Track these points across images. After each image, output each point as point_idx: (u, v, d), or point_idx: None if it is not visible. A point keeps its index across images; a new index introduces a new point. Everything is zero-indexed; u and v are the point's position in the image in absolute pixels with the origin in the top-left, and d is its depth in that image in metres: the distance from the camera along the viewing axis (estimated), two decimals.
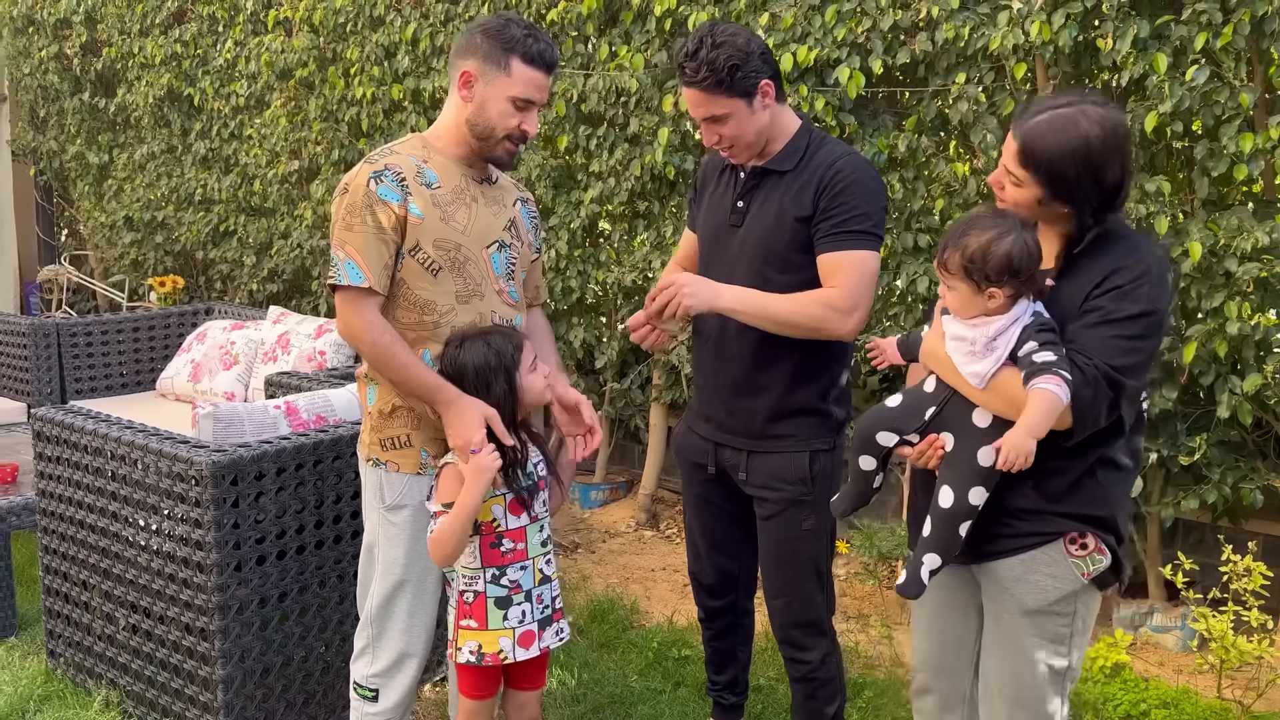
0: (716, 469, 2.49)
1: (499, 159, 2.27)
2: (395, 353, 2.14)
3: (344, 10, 4.98)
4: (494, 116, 2.20)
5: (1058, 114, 1.81)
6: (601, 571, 4.11)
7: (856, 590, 3.89)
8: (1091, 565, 1.90)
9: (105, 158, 6.64)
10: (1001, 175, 1.90)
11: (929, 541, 1.91)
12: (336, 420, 2.99)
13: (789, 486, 2.38)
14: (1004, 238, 1.79)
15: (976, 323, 1.83)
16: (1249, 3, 2.78)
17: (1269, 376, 2.91)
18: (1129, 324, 1.79)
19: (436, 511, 2.13)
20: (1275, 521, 3.32)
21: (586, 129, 4.25)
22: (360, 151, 5.11)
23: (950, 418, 1.89)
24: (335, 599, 2.84)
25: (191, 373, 4.80)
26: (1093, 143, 1.78)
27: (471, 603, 2.19)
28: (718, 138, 2.30)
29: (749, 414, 2.40)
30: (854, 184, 2.25)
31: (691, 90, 2.26)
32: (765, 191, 2.35)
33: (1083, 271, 1.85)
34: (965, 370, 1.84)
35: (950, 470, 1.89)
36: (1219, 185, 3.06)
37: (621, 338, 4.48)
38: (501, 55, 2.18)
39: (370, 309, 2.15)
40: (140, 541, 2.75)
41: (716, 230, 2.43)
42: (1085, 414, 1.78)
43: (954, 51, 3.31)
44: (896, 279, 3.54)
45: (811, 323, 2.25)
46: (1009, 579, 1.93)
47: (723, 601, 2.63)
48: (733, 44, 2.21)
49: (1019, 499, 1.90)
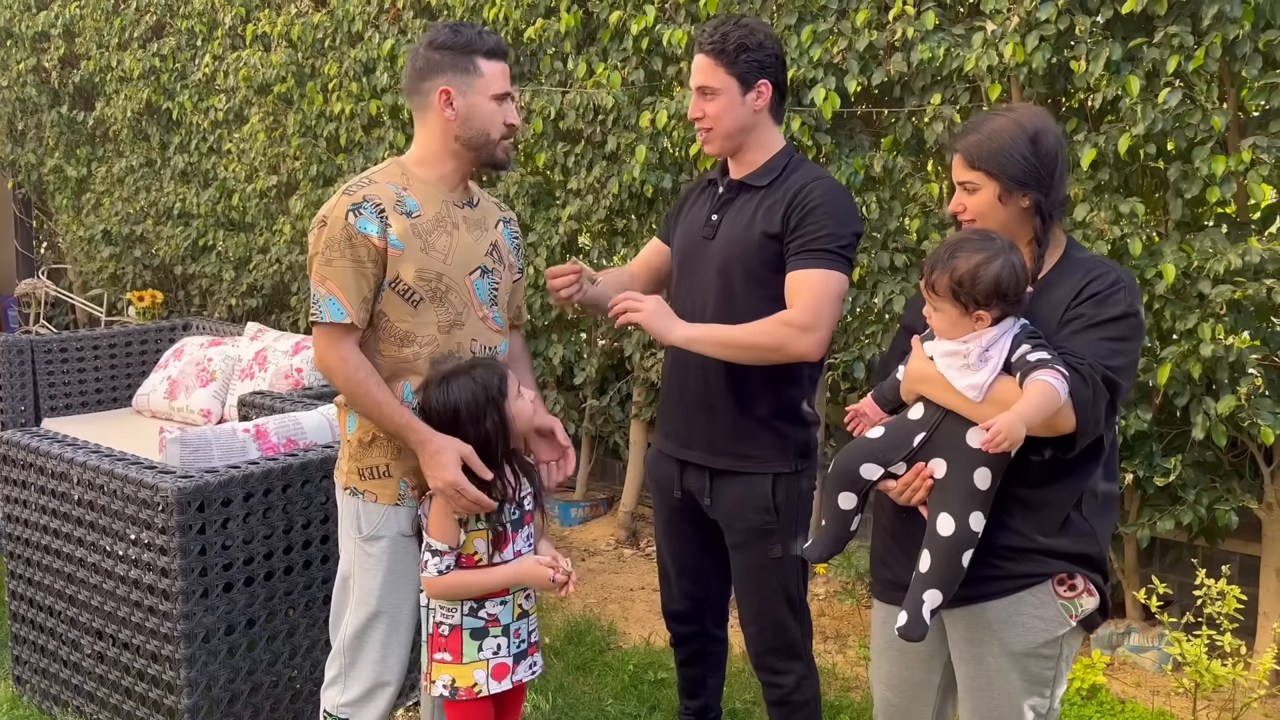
0: (682, 492, 2.48)
1: (499, 160, 2.24)
2: (370, 389, 2.11)
3: (322, 26, 4.96)
4: (484, 120, 2.19)
5: (985, 120, 1.90)
6: (580, 591, 4.09)
7: (835, 610, 3.88)
8: (1079, 608, 1.87)
9: (84, 171, 6.60)
10: (958, 195, 1.91)
11: (929, 577, 1.83)
12: (307, 444, 2.96)
13: (753, 515, 2.36)
14: (993, 260, 1.78)
15: (967, 337, 1.81)
16: (1220, 26, 2.78)
17: (1243, 398, 2.90)
18: (1112, 326, 1.80)
19: (440, 552, 2.12)
20: (1252, 542, 3.31)
21: (564, 146, 4.24)
22: (339, 167, 5.08)
23: (942, 442, 1.84)
24: (305, 624, 2.81)
25: (168, 390, 4.76)
26: (1025, 125, 1.86)
27: (447, 635, 2.16)
28: (701, 114, 2.32)
29: (709, 427, 2.38)
30: (823, 205, 2.24)
31: (699, 56, 2.31)
32: (739, 205, 2.35)
33: (1056, 287, 1.86)
34: (962, 384, 1.80)
35: (945, 497, 1.83)
36: (1192, 207, 3.06)
37: (601, 355, 4.47)
38: (466, 60, 2.18)
39: (348, 345, 2.12)
40: (106, 567, 2.71)
41: (690, 242, 2.43)
42: (1087, 415, 1.76)
43: (929, 72, 3.31)
44: (874, 297, 3.53)
45: (772, 343, 2.21)
46: (995, 621, 1.88)
47: (691, 628, 2.61)
48: (752, 31, 2.28)
49: (1007, 536, 1.86)
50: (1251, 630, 3.24)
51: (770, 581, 2.39)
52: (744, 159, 2.36)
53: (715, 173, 2.46)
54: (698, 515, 2.49)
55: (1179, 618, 3.22)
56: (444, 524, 2.12)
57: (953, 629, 1.95)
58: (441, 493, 2.10)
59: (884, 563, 2.04)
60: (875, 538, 2.06)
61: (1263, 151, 2.80)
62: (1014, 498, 1.85)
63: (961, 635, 1.94)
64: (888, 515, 2.01)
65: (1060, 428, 1.76)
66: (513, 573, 2.15)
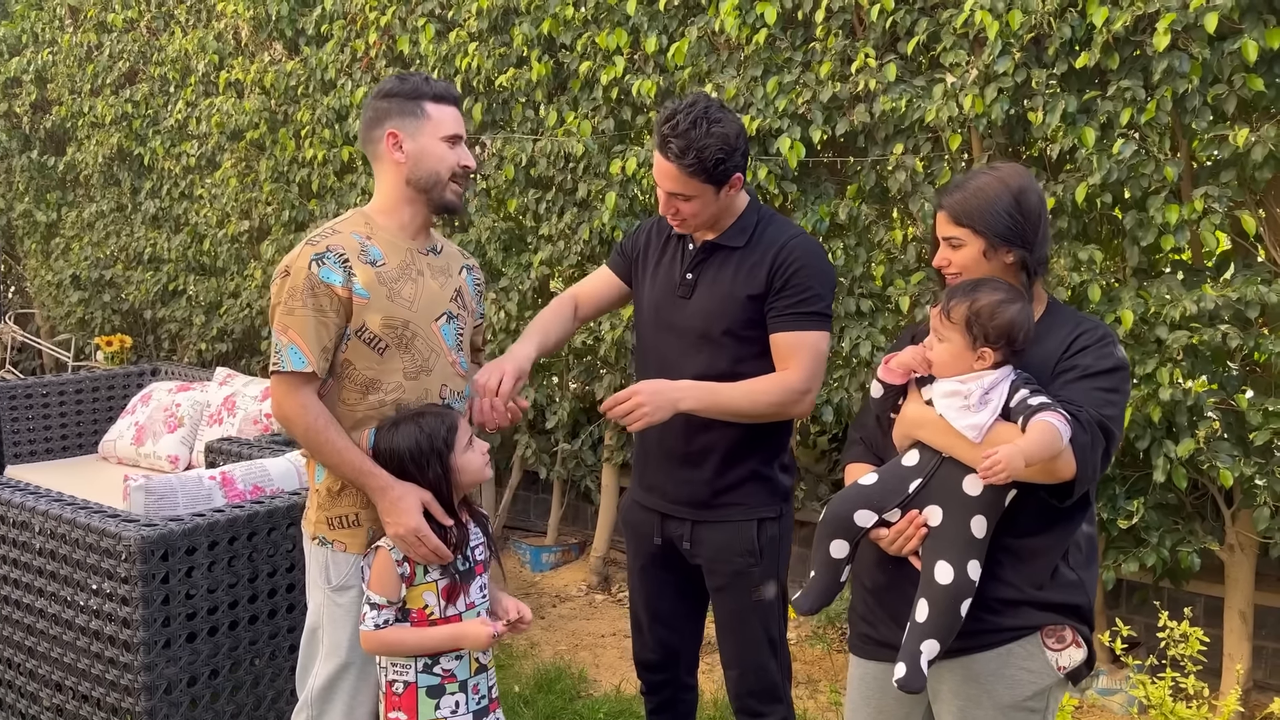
0: (663, 540, 2.48)
1: (449, 203, 2.25)
2: (329, 437, 2.11)
3: (295, 74, 5.00)
4: (433, 162, 2.21)
5: (970, 178, 1.93)
6: (550, 638, 4.06)
7: (807, 655, 3.87)
8: (1067, 660, 1.87)
9: (54, 216, 6.57)
10: (943, 250, 1.94)
11: (927, 627, 1.82)
12: (274, 490, 2.94)
13: (738, 559, 2.38)
14: (1012, 304, 1.81)
15: (967, 378, 1.82)
16: (1170, 80, 2.87)
17: (1201, 441, 2.95)
18: (1106, 377, 1.83)
19: (379, 605, 2.09)
20: (1216, 583, 3.35)
21: (536, 193, 4.28)
22: (311, 212, 5.10)
23: (938, 489, 1.84)
24: (269, 675, 2.78)
25: (135, 436, 4.71)
26: (1010, 184, 1.89)
27: (401, 694, 2.12)
28: (675, 210, 2.31)
29: (694, 483, 2.40)
30: (807, 266, 2.29)
31: (668, 164, 2.24)
32: (716, 266, 2.37)
33: (1045, 340, 1.88)
34: (961, 424, 1.80)
35: (942, 545, 1.82)
36: (1149, 254, 3.13)
37: (573, 398, 4.48)
38: (412, 105, 2.21)
39: (306, 393, 2.12)
40: (67, 618, 2.67)
41: (664, 300, 2.44)
42: (1086, 460, 1.76)
43: (891, 122, 3.38)
44: (841, 342, 3.57)
45: (773, 409, 2.29)
46: (984, 674, 1.88)
47: (663, 676, 2.60)
48: (725, 135, 2.21)
49: (998, 588, 1.85)
50: (1217, 671, 3.27)
51: (753, 623, 2.40)
52: (715, 224, 2.38)
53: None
54: (676, 561, 2.49)
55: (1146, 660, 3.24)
56: (386, 578, 2.09)
57: (938, 681, 1.93)
58: (402, 540, 2.08)
59: (864, 618, 2.03)
60: (855, 595, 2.05)
61: (1214, 201, 2.88)
62: (1004, 548, 1.86)
63: (949, 688, 1.92)
64: (868, 570, 1.99)
65: (1060, 474, 1.77)
66: (452, 635, 2.10)
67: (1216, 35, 2.79)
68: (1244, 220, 2.90)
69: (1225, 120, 2.89)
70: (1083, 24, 2.97)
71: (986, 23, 3.05)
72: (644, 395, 2.21)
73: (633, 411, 2.20)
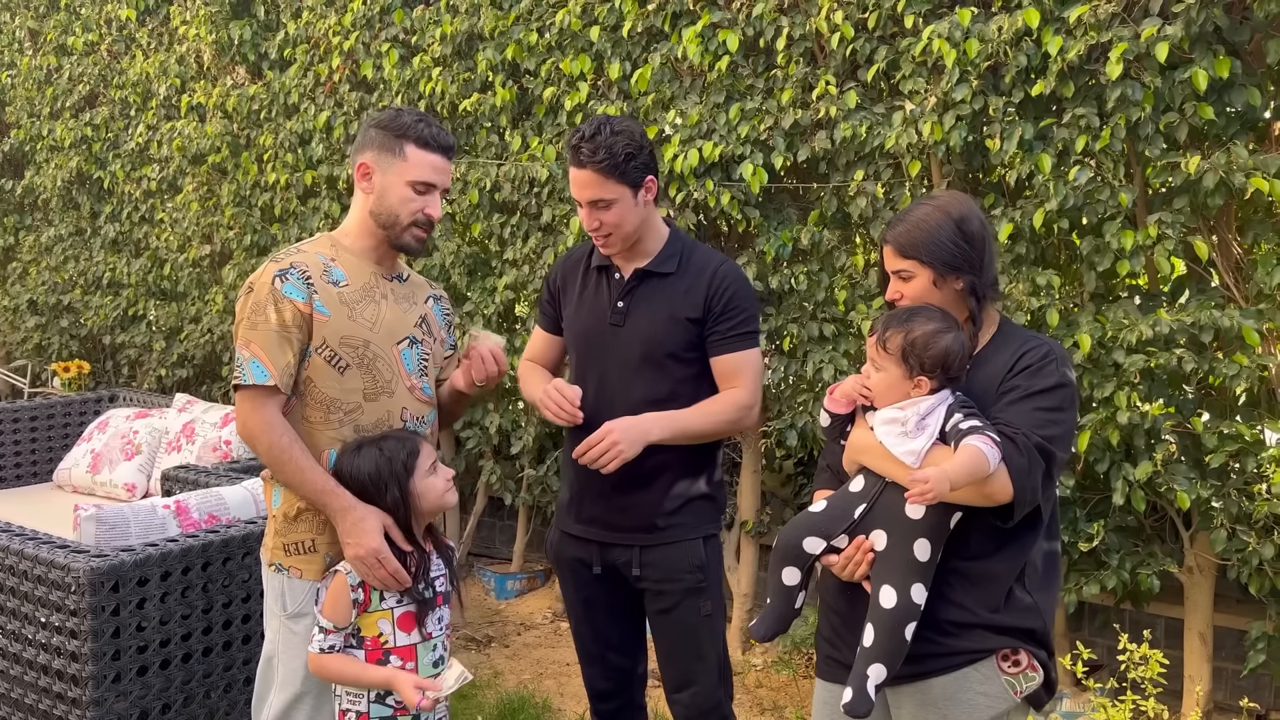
0: (603, 568, 2.46)
1: (408, 246, 2.24)
2: (293, 455, 2.09)
3: (258, 98, 4.97)
4: (395, 203, 2.20)
5: (911, 210, 1.96)
6: (515, 667, 4.01)
7: (772, 681, 3.85)
8: (1024, 683, 1.88)
9: (10, 240, 6.47)
10: (894, 284, 1.96)
11: (873, 651, 1.83)
12: (229, 519, 2.89)
13: (687, 575, 2.41)
14: (946, 333, 1.84)
15: (905, 404, 1.85)
16: (1123, 108, 2.92)
17: (1159, 464, 2.98)
18: (1047, 396, 1.84)
19: (327, 630, 2.07)
20: (1175, 605, 3.37)
21: (500, 217, 4.28)
22: (273, 236, 5.06)
23: (882, 514, 1.86)
24: (224, 708, 2.72)
25: (91, 464, 4.62)
26: (950, 212, 1.92)
27: None
28: (599, 223, 2.35)
29: (642, 508, 2.40)
30: (740, 290, 2.42)
31: (584, 172, 2.31)
32: (648, 292, 2.42)
33: (991, 361, 1.91)
34: (900, 450, 1.83)
35: (886, 569, 1.84)
36: (1106, 279, 3.17)
37: (539, 423, 4.45)
38: (394, 143, 2.20)
39: (271, 408, 2.10)
40: (14, 652, 2.60)
41: (594, 330, 2.45)
42: (1024, 483, 1.78)
43: (852, 149, 3.41)
44: (804, 366, 3.58)
45: (729, 426, 2.41)
46: (941, 698, 1.88)
47: (617, 703, 2.59)
48: (629, 134, 2.32)
49: (950, 611, 1.86)
50: (1178, 693, 3.29)
51: (702, 640, 2.41)
52: (639, 249, 2.43)
53: (600, 259, 2.48)
54: (620, 587, 2.48)
55: (1106, 683, 3.25)
56: (338, 604, 2.08)
57: (897, 707, 1.94)
58: (361, 561, 2.06)
59: (830, 642, 2.03)
60: (822, 617, 2.06)
61: (1168, 227, 2.92)
62: (956, 571, 1.87)
63: (908, 712, 1.92)
64: (833, 594, 2.00)
65: (997, 497, 1.79)
66: (388, 678, 2.08)
67: (1168, 64, 2.85)
68: (1197, 246, 2.95)
69: (1178, 148, 2.94)
70: (1038, 52, 3.02)
71: (944, 51, 3.10)
72: (618, 433, 2.26)
73: (608, 451, 2.23)
